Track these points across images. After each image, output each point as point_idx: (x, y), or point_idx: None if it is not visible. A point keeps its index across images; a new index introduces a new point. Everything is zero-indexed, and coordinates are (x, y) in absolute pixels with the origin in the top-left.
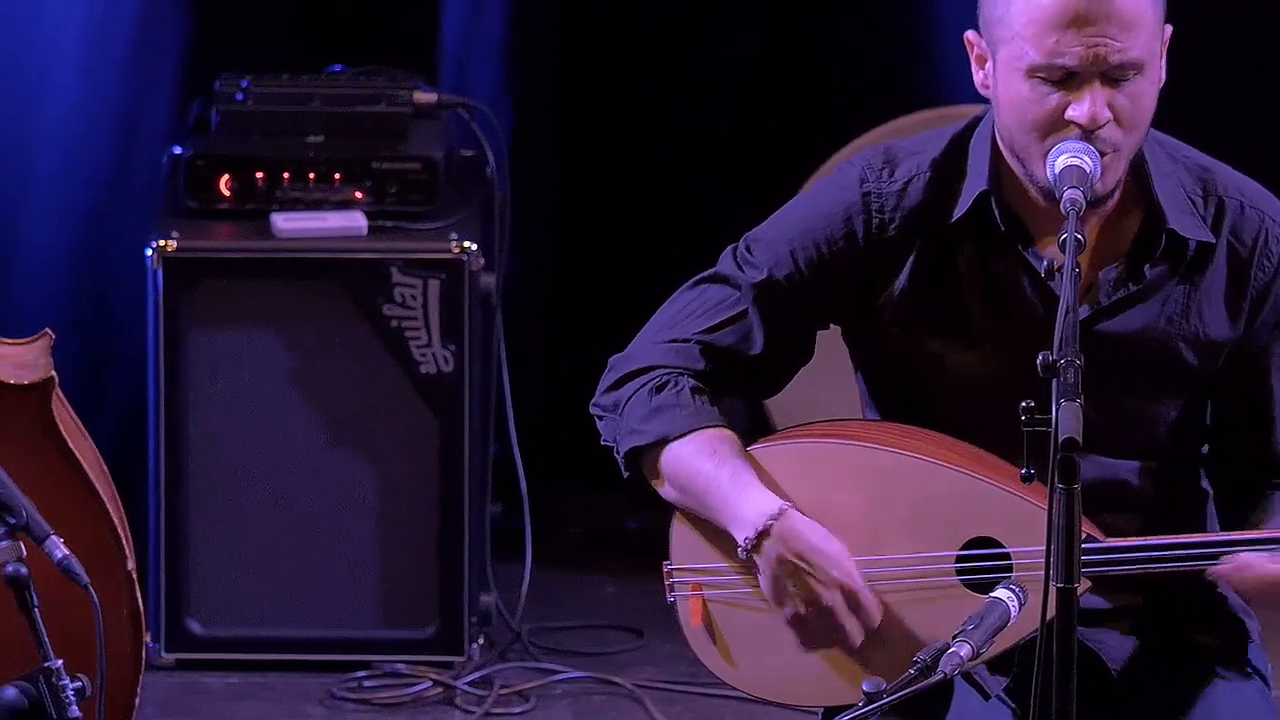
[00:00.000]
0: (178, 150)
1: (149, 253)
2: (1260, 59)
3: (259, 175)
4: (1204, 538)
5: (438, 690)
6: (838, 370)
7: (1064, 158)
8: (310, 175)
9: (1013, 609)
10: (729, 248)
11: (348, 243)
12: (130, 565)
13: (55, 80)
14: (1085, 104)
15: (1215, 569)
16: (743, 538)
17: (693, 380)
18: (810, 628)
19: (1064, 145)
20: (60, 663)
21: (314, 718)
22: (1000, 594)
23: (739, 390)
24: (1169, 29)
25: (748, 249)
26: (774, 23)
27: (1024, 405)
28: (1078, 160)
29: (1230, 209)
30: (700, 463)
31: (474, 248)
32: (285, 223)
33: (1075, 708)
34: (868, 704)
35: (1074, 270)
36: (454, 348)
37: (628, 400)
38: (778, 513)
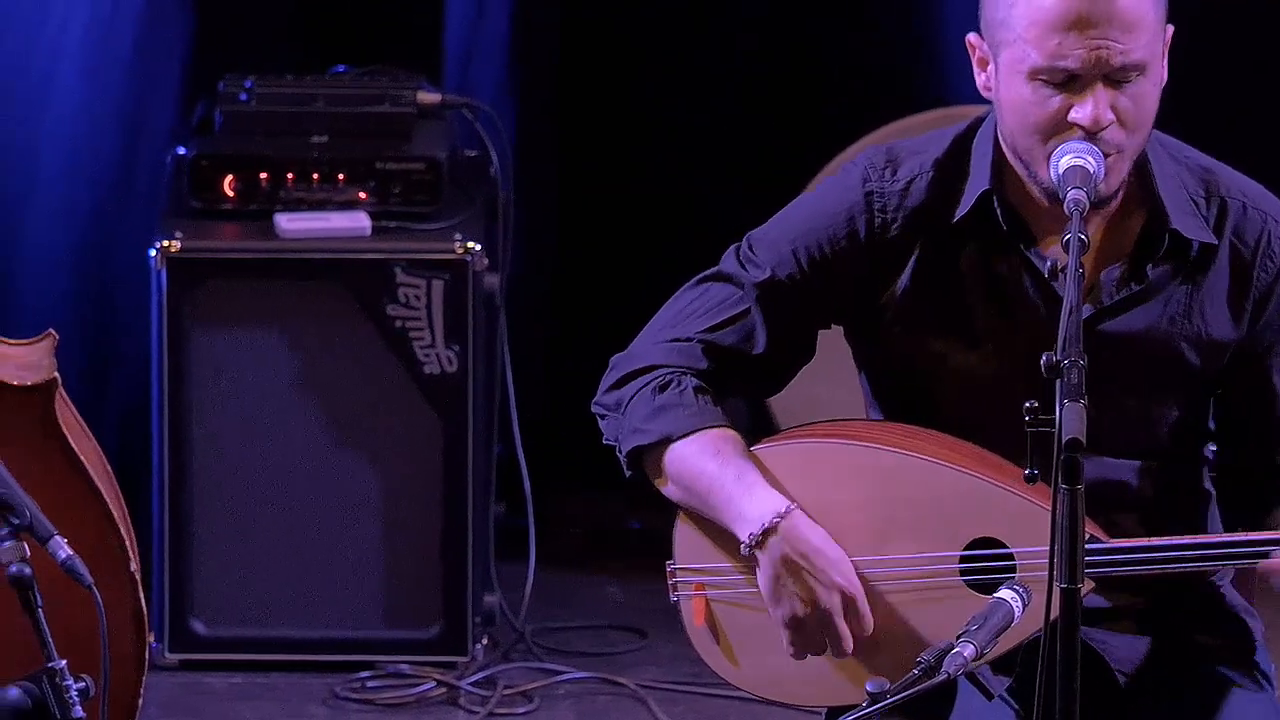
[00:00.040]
0: (181, 150)
1: (153, 253)
2: (1261, 59)
3: (263, 175)
4: (1206, 539)
5: (441, 690)
6: (841, 370)
7: (1068, 158)
8: (314, 175)
9: (1016, 609)
10: (732, 247)
11: (351, 243)
12: (134, 565)
13: (59, 80)
14: (1088, 106)
15: (1265, 563)
16: (746, 534)
17: (695, 380)
18: (804, 630)
19: (1067, 146)
20: (64, 663)
21: (317, 718)
22: (1004, 594)
23: (741, 389)
24: (1170, 29)
25: (750, 248)
26: (774, 23)
27: (1027, 406)
28: (1081, 161)
29: (1233, 210)
30: (704, 462)
31: (478, 248)
32: (289, 223)
33: (1078, 708)
34: (871, 704)
35: (1078, 271)
36: (458, 348)
37: (630, 399)
38: (784, 511)
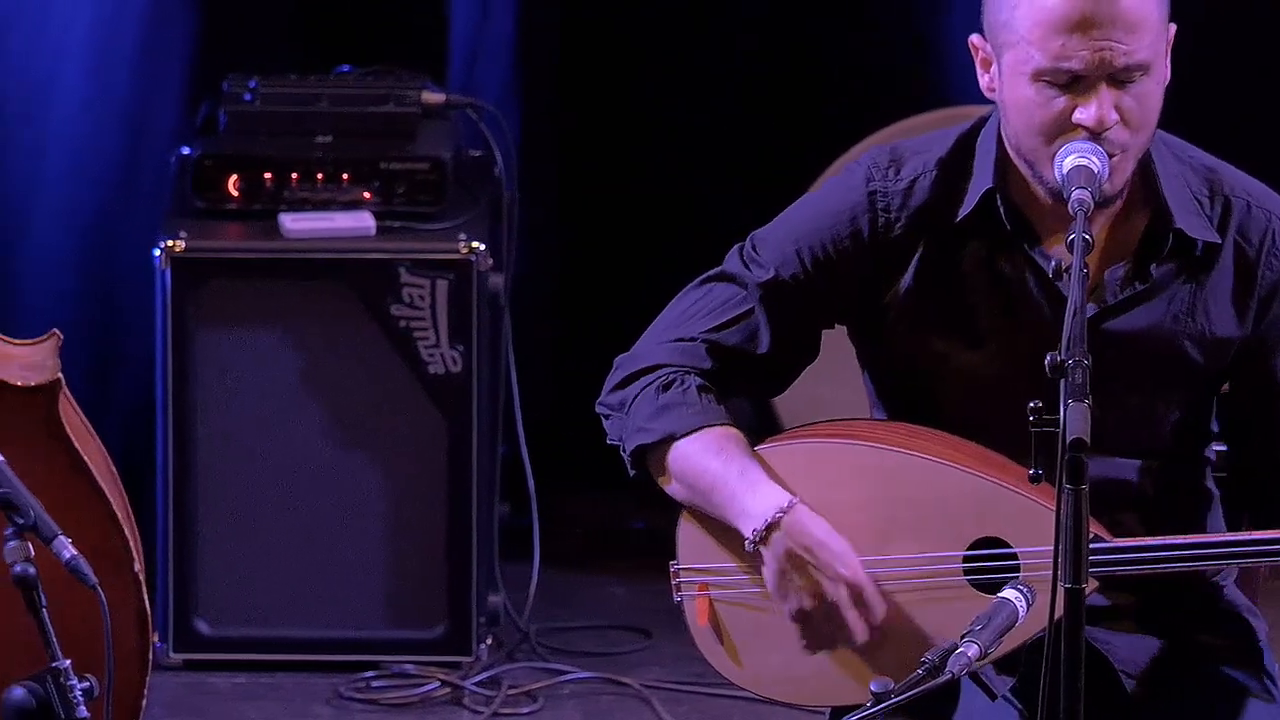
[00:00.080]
0: (186, 150)
1: (157, 253)
2: (1263, 59)
3: (267, 175)
4: (1211, 538)
5: (445, 690)
6: (845, 369)
7: (1072, 158)
8: (318, 175)
9: (1020, 609)
10: (735, 247)
11: (356, 243)
12: (138, 565)
13: (63, 80)
14: (1092, 107)
15: None
16: (750, 529)
17: (699, 379)
18: (813, 624)
19: (1072, 145)
20: (68, 663)
21: (322, 718)
22: (1008, 594)
23: (745, 389)
24: (1173, 28)
25: (754, 248)
26: (775, 23)
27: (1031, 405)
28: (1086, 160)
29: (1237, 209)
30: (707, 460)
31: (482, 248)
32: (293, 223)
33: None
34: (875, 704)
35: (1082, 270)
36: (462, 348)
37: (634, 399)
38: (787, 505)
